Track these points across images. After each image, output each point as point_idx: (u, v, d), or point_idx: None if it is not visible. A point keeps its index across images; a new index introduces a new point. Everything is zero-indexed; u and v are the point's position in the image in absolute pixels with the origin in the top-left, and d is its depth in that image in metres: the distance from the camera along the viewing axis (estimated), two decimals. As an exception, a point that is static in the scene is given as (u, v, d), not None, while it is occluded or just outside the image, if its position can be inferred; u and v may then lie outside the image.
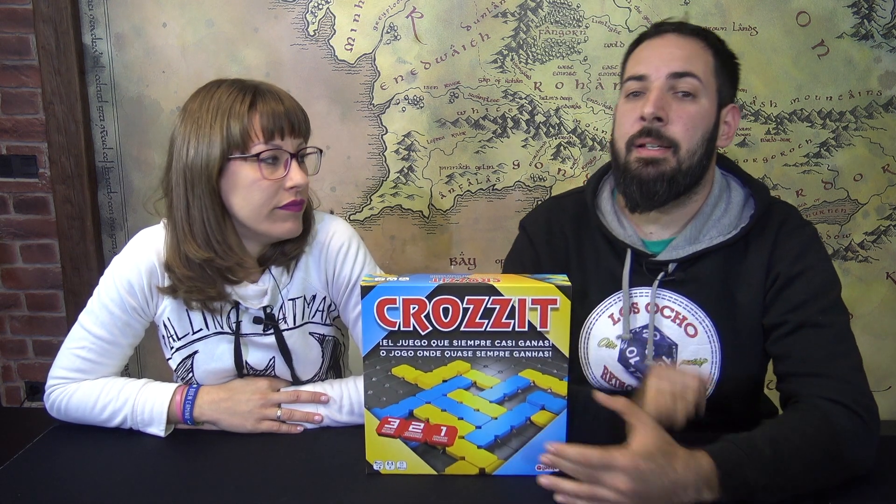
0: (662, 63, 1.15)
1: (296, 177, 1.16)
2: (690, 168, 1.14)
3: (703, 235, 1.19)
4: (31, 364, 2.27)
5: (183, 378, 1.27)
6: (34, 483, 1.05)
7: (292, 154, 1.17)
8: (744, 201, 1.22)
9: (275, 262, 1.23)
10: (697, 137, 1.14)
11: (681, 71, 1.14)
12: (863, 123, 2.01)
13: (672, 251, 1.19)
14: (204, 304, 1.21)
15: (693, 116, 1.14)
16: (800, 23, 1.97)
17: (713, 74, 1.16)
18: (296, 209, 1.18)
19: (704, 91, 1.15)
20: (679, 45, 1.17)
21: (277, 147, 1.15)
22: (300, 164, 1.19)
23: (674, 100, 1.14)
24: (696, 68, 1.14)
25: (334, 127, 2.05)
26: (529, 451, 1.04)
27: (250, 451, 1.14)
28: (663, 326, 1.19)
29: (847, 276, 2.10)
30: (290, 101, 1.19)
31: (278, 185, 1.16)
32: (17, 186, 2.14)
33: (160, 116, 2.07)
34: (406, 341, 1.01)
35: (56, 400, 1.21)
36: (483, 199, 2.09)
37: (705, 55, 1.17)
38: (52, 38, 2.00)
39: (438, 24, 1.99)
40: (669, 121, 1.13)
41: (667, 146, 1.13)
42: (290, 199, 1.17)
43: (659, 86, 1.14)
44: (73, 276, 2.15)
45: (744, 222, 1.18)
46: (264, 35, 2.02)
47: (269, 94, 1.17)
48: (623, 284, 1.20)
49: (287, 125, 1.15)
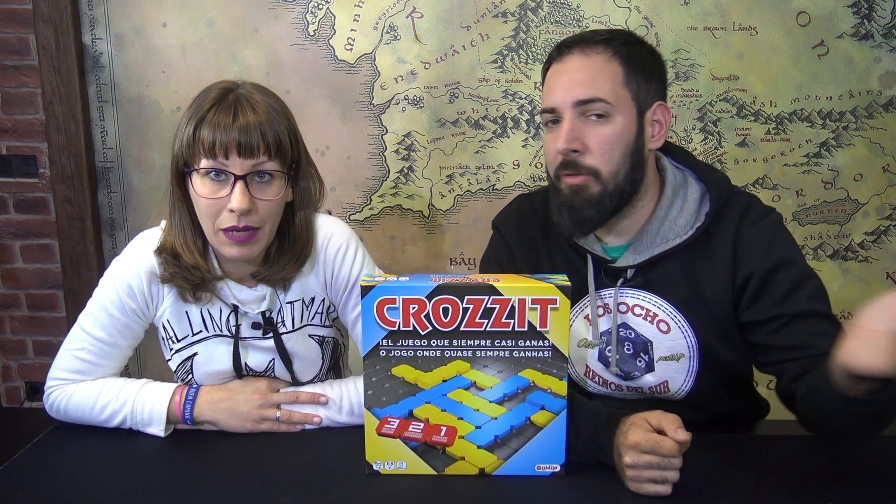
0: (566, 92, 1.12)
1: (234, 199, 1.08)
2: (617, 187, 1.14)
3: (659, 238, 1.18)
4: (31, 364, 2.27)
5: (183, 379, 1.27)
6: (34, 483, 1.05)
7: (237, 176, 1.09)
8: (700, 197, 1.20)
9: (266, 282, 1.21)
10: (617, 157, 1.13)
11: (585, 98, 1.11)
12: (863, 123, 2.01)
13: (629, 257, 1.19)
14: (193, 295, 1.20)
15: (608, 138, 1.12)
16: (800, 23, 1.97)
17: (623, 85, 1.12)
18: (237, 238, 1.11)
19: (616, 108, 1.12)
20: (581, 68, 1.13)
21: (221, 166, 1.09)
22: (251, 187, 1.10)
23: (587, 125, 1.12)
24: (600, 90, 1.11)
25: (334, 127, 2.05)
26: (529, 451, 1.04)
27: (250, 451, 1.14)
28: (636, 325, 1.19)
29: (847, 276, 2.10)
30: (254, 117, 1.10)
31: (221, 206, 1.10)
32: (17, 186, 2.14)
33: (160, 116, 2.07)
34: (406, 341, 1.01)
35: (55, 401, 1.21)
36: (483, 199, 2.09)
37: (611, 68, 1.12)
38: (52, 38, 2.00)
39: (438, 24, 1.99)
40: (586, 149, 1.12)
41: (587, 173, 1.13)
42: (231, 223, 1.10)
43: (569, 117, 1.12)
44: (73, 276, 2.15)
45: (700, 221, 1.17)
46: (264, 35, 2.02)
47: (229, 107, 1.10)
48: (589, 290, 1.21)
49: (233, 143, 1.08)
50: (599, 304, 1.21)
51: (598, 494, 1.00)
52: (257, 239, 1.14)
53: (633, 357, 1.20)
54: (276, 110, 1.14)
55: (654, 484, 0.97)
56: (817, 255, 2.09)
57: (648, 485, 0.97)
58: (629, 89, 1.13)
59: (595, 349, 1.23)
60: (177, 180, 1.15)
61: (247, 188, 1.10)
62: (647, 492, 0.97)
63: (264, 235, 1.15)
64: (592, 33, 1.16)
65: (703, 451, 1.02)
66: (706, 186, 1.20)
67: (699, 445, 0.97)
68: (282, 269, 1.20)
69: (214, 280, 1.19)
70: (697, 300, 1.16)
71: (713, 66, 1.99)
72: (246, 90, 1.15)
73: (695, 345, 1.17)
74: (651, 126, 1.16)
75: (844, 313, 2.10)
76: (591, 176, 1.13)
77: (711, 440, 1.09)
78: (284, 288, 1.23)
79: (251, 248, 1.14)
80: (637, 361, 1.20)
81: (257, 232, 1.13)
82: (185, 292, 1.20)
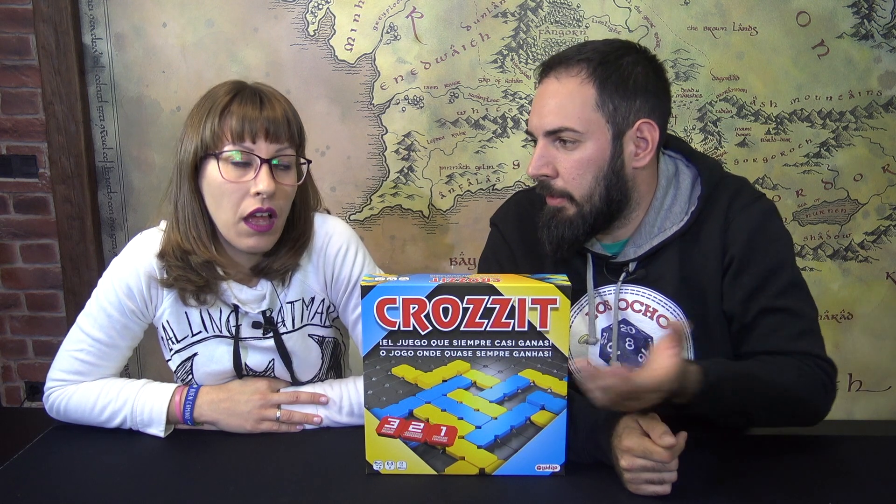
0: (538, 120, 1.14)
1: (262, 182, 1.12)
2: (594, 209, 1.15)
3: (657, 228, 1.18)
4: (31, 364, 2.27)
5: (183, 380, 1.27)
6: (34, 483, 1.05)
7: (263, 159, 1.13)
8: (692, 181, 1.20)
9: (267, 276, 1.22)
10: (588, 181, 1.13)
11: (553, 129, 1.12)
12: (863, 123, 2.01)
13: (629, 251, 1.19)
14: (197, 297, 1.20)
15: (578, 164, 1.13)
16: (800, 23, 1.97)
17: (596, 109, 1.11)
18: (259, 228, 1.14)
19: (586, 133, 1.11)
20: (553, 93, 1.13)
21: (247, 150, 1.13)
22: (274, 173, 1.14)
23: (558, 150, 1.14)
24: (568, 119, 1.11)
25: (334, 127, 2.05)
26: (529, 451, 1.04)
27: (250, 452, 1.14)
28: (636, 321, 1.19)
29: (847, 276, 2.10)
30: (278, 106, 1.16)
31: (244, 191, 1.13)
32: (17, 186, 2.14)
33: (160, 116, 2.07)
34: (406, 341, 1.01)
35: (55, 401, 1.21)
36: (483, 199, 2.09)
37: (583, 92, 1.11)
38: (52, 38, 2.00)
39: (438, 24, 1.99)
40: (556, 174, 1.14)
41: (560, 196, 1.15)
42: (256, 205, 1.13)
43: (540, 143, 1.15)
44: (73, 276, 2.15)
45: (693, 205, 1.18)
46: (264, 35, 2.02)
47: (253, 96, 1.15)
48: (588, 288, 1.21)
49: (261, 129, 1.12)
50: (599, 301, 1.22)
51: (598, 494, 1.00)
52: (274, 229, 1.17)
53: (634, 353, 1.20)
54: (290, 105, 1.20)
55: (653, 485, 0.97)
56: (817, 255, 2.09)
57: (647, 486, 0.97)
58: (603, 112, 1.12)
59: (596, 346, 1.23)
60: (189, 174, 1.16)
61: (271, 172, 1.13)
62: (646, 492, 0.97)
63: (279, 225, 1.18)
64: (577, 50, 1.15)
65: (702, 451, 1.02)
66: (697, 169, 1.21)
67: (699, 445, 0.97)
68: (278, 259, 1.21)
69: (219, 280, 1.20)
70: (694, 291, 1.17)
71: (713, 66, 1.99)
72: (258, 86, 1.19)
73: (690, 337, 1.17)
74: (634, 144, 1.14)
75: (845, 313, 2.10)
76: (565, 199, 1.15)
77: (711, 440, 1.09)
78: (283, 282, 1.23)
79: (269, 238, 1.17)
80: (638, 357, 1.20)
81: (274, 221, 1.16)
82: (188, 295, 1.20)
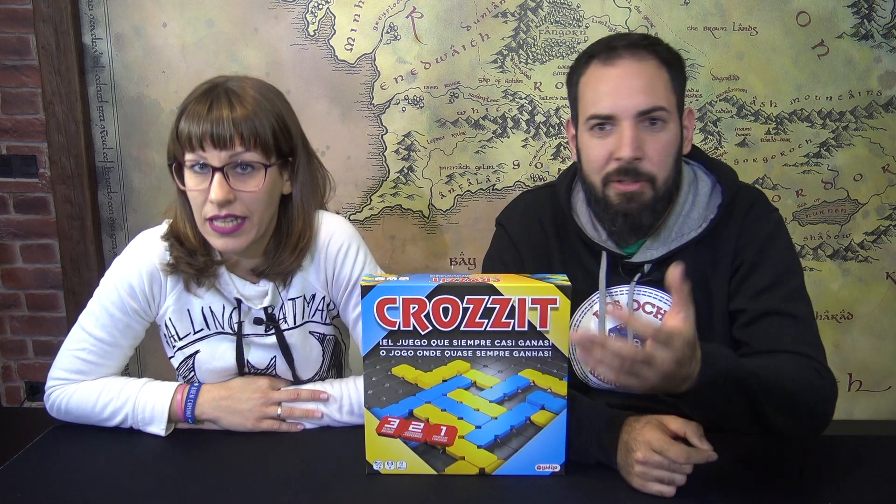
0: (627, 100, 1.11)
1: (213, 191, 1.09)
2: (667, 191, 1.15)
3: (675, 233, 1.19)
4: (31, 364, 2.27)
5: (185, 377, 1.27)
6: (34, 483, 1.05)
7: (214, 168, 1.10)
8: (710, 190, 1.21)
9: (268, 277, 1.22)
10: (670, 163, 1.14)
11: (646, 108, 1.10)
12: (863, 123, 2.01)
13: (646, 252, 1.19)
14: (197, 281, 1.21)
15: (667, 146, 1.13)
16: (800, 23, 1.97)
17: (672, 91, 1.13)
18: (222, 230, 1.12)
19: (671, 114, 1.13)
20: (638, 74, 1.12)
21: (202, 158, 1.10)
22: (230, 178, 1.11)
23: (646, 132, 1.12)
24: (660, 98, 1.11)
25: (334, 127, 2.05)
26: (529, 450, 1.04)
27: (250, 451, 1.14)
28: None
29: (847, 276, 2.10)
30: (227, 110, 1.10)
31: (204, 197, 1.11)
32: (17, 186, 2.14)
33: (160, 116, 2.07)
34: (406, 341, 1.01)
35: (56, 400, 1.21)
36: (483, 199, 2.09)
37: (662, 74, 1.13)
38: (52, 38, 2.00)
39: (438, 24, 1.99)
40: (645, 156, 1.12)
41: (644, 180, 1.13)
42: (213, 212, 1.11)
43: (630, 125, 1.11)
44: (73, 276, 2.15)
45: (712, 213, 1.18)
46: (264, 35, 2.02)
47: (206, 99, 1.11)
48: (600, 287, 1.21)
49: (207, 135, 1.09)
50: (609, 301, 1.21)
51: (598, 494, 1.00)
52: (244, 231, 1.14)
53: None
54: (264, 103, 1.14)
55: (660, 484, 0.97)
56: (817, 255, 2.09)
57: (654, 483, 0.97)
58: (675, 95, 1.14)
59: None
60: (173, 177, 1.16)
61: (226, 180, 1.11)
62: (652, 490, 0.97)
63: (252, 227, 1.14)
64: (637, 37, 1.15)
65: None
66: (716, 178, 1.22)
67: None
68: (280, 263, 1.20)
69: (215, 265, 1.20)
70: (704, 294, 1.16)
71: (713, 66, 1.99)
72: (236, 84, 1.15)
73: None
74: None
75: (844, 313, 2.10)
76: (647, 182, 1.13)
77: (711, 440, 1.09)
78: (285, 283, 1.23)
79: (237, 239, 1.14)
80: None
81: (243, 223, 1.13)
82: (190, 280, 1.21)
